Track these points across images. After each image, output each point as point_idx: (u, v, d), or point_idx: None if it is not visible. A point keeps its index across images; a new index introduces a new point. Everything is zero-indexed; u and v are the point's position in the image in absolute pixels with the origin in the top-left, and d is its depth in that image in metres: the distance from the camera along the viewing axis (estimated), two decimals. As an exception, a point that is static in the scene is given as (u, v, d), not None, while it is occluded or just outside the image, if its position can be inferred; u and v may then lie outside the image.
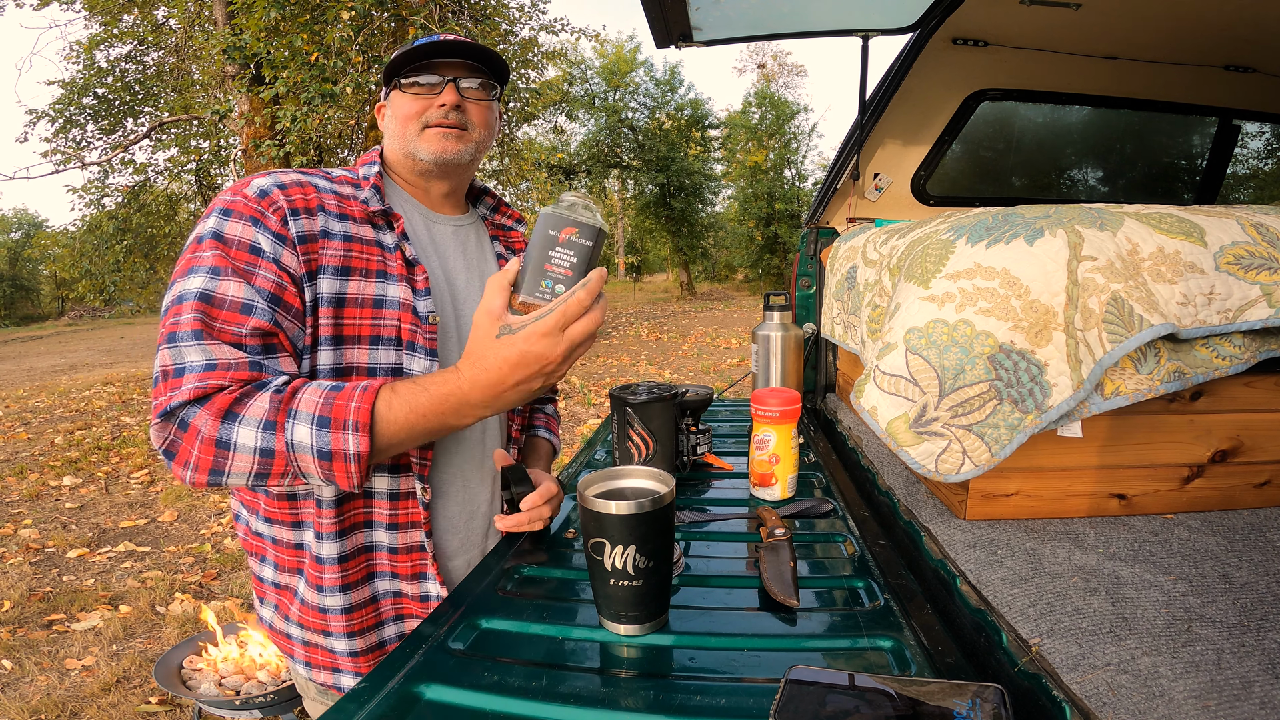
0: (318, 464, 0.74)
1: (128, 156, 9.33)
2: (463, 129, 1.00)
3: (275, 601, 1.01)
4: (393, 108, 1.01)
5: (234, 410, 0.74)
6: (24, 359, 12.74)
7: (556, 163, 15.48)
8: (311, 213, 0.88)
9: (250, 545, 1.02)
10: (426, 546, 0.98)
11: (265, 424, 0.74)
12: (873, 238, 1.36)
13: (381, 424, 0.76)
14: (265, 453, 0.74)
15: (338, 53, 5.86)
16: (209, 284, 0.79)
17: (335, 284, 0.89)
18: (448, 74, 0.99)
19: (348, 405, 0.74)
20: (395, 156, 1.03)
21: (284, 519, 0.96)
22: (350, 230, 0.91)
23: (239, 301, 0.80)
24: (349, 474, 0.75)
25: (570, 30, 9.50)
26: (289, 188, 0.88)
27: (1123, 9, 1.66)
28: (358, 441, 0.73)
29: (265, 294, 0.82)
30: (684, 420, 1.24)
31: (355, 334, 0.91)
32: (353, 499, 0.95)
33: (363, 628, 0.97)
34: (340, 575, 0.94)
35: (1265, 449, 0.96)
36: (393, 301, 0.93)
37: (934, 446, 0.89)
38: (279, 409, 0.75)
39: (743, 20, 1.70)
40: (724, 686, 0.62)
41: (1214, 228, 0.88)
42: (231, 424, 0.74)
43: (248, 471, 0.75)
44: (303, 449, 0.74)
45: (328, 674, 0.99)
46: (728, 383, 5.64)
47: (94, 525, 3.83)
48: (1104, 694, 0.58)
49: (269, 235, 0.84)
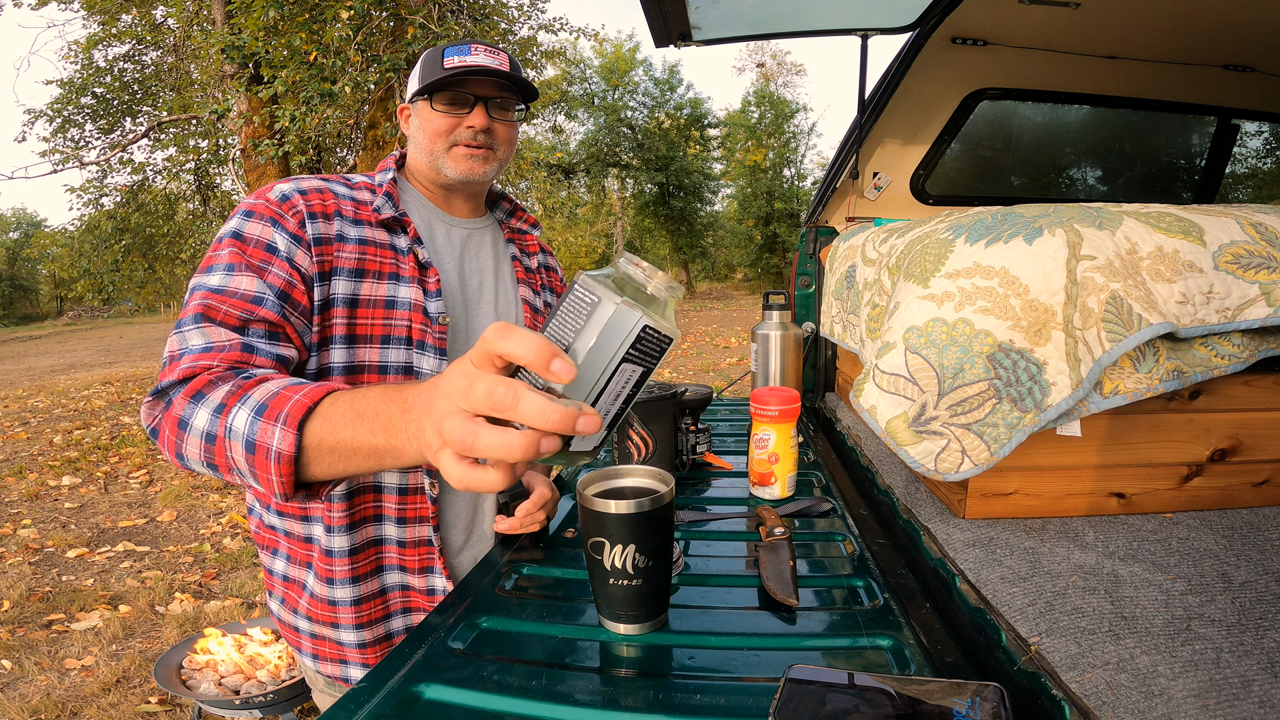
0: (245, 457, 0.66)
1: (126, 156, 9.31)
2: (490, 149, 1.03)
3: (283, 595, 1.02)
4: (420, 119, 1.02)
5: (203, 391, 0.71)
6: (23, 359, 12.72)
7: (555, 162, 15.45)
8: (329, 217, 0.92)
9: (261, 538, 1.04)
10: (434, 541, 1.00)
11: (218, 407, 0.69)
12: (872, 237, 1.36)
13: (315, 421, 0.63)
14: (209, 437, 0.68)
15: (336, 52, 5.84)
16: (224, 279, 0.83)
17: (350, 285, 0.92)
18: (478, 93, 1.00)
19: (290, 397, 0.65)
20: (419, 165, 1.06)
21: (294, 512, 0.98)
22: (365, 234, 0.95)
23: (250, 293, 0.83)
24: (269, 475, 0.64)
25: (569, 29, 9.49)
26: (309, 193, 0.92)
27: (1122, 8, 1.66)
28: (282, 437, 0.63)
29: (275, 289, 0.85)
30: (683, 419, 1.24)
31: (368, 333, 0.94)
32: (363, 492, 0.96)
33: (371, 619, 0.99)
34: (350, 568, 0.96)
35: (1264, 448, 0.96)
36: (404, 302, 0.96)
37: (933, 445, 0.89)
38: (236, 393, 0.70)
39: (742, 19, 1.70)
40: (724, 686, 0.62)
41: (1213, 227, 0.88)
42: (195, 405, 0.71)
43: (199, 457, 0.70)
44: (235, 436, 0.66)
45: (335, 666, 1.00)
46: (727, 382, 5.63)
47: (93, 525, 3.83)
48: (1103, 693, 0.58)
49: (285, 235, 0.88)
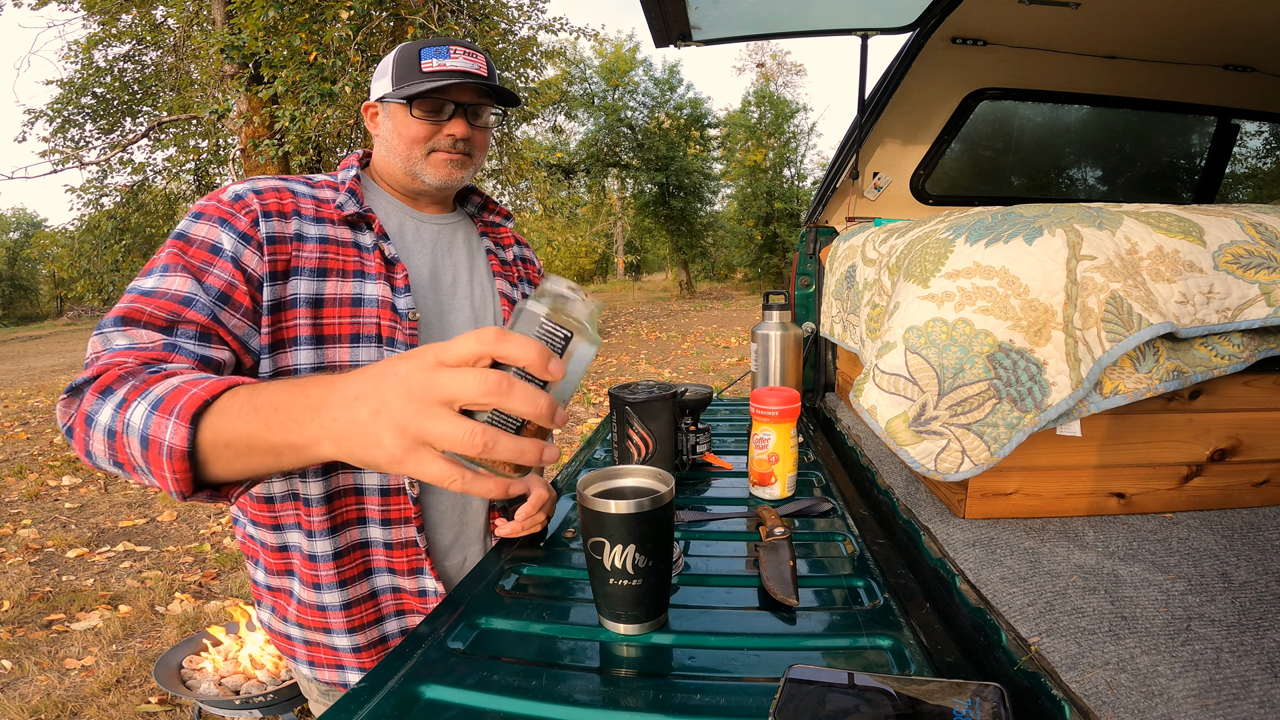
0: (141, 453, 0.59)
1: (126, 156, 9.32)
2: (468, 155, 1.02)
3: (272, 604, 1.01)
4: (395, 123, 0.99)
5: (111, 387, 0.66)
6: (23, 359, 12.72)
7: (555, 162, 15.46)
8: (285, 216, 0.90)
9: (246, 548, 1.02)
10: (419, 542, 0.98)
11: (120, 402, 0.63)
12: (872, 237, 1.36)
13: (212, 415, 0.57)
14: (110, 433, 0.63)
15: (336, 52, 5.85)
16: (157, 281, 0.80)
17: (312, 285, 0.90)
18: (458, 99, 0.99)
19: (188, 390, 0.59)
20: (389, 168, 1.03)
21: (265, 522, 0.96)
22: (327, 233, 0.93)
23: (180, 294, 0.80)
24: (164, 471, 0.58)
25: (569, 29, 9.51)
26: (265, 193, 0.90)
27: (1122, 8, 1.66)
28: (175, 431, 0.57)
29: (213, 291, 0.82)
30: (683, 419, 1.24)
31: (335, 333, 0.92)
32: (344, 495, 0.95)
33: (363, 623, 0.97)
34: (336, 571, 0.94)
35: (1264, 448, 0.96)
36: (371, 299, 0.94)
37: (933, 445, 0.89)
38: (139, 387, 0.64)
39: (742, 19, 1.70)
40: (724, 686, 0.62)
41: (1213, 227, 0.88)
42: (102, 401, 0.65)
43: (105, 455, 0.64)
44: (132, 431, 0.61)
45: (332, 671, 0.99)
46: (727, 382, 5.63)
47: (93, 525, 3.83)
48: (1103, 693, 0.58)
49: (234, 235, 0.85)
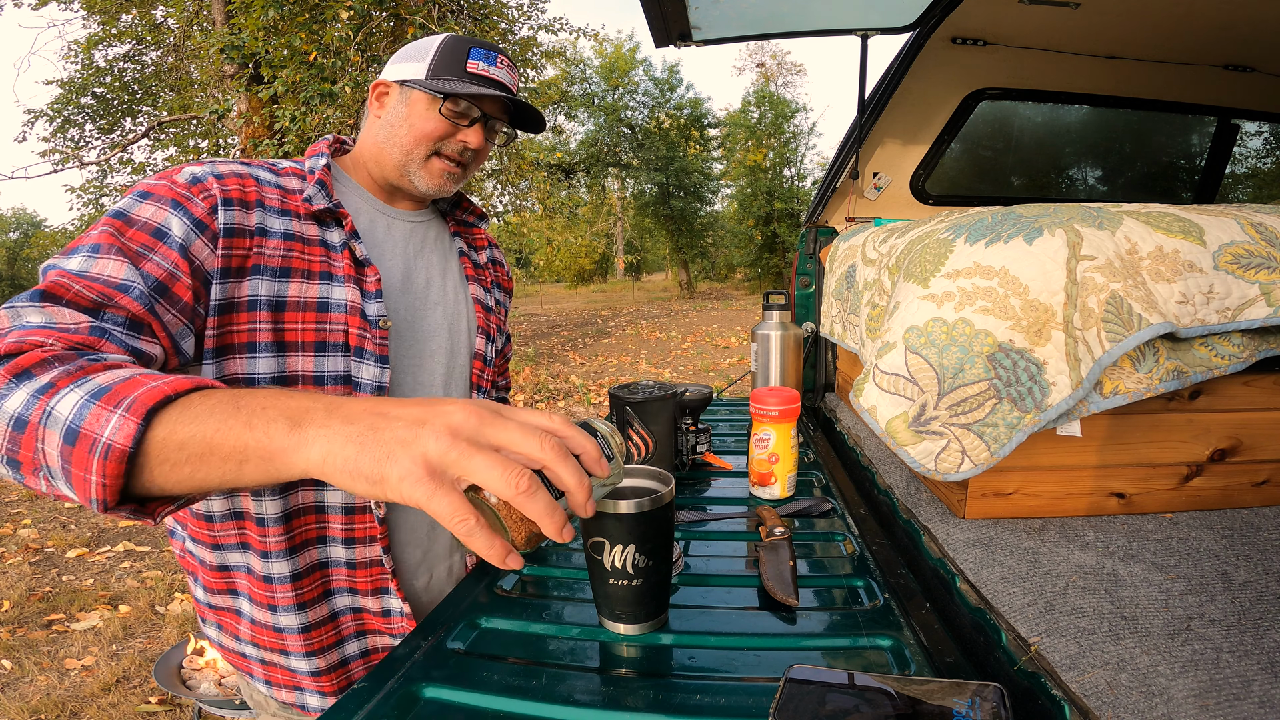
0: (61, 449, 0.50)
1: (126, 156, 9.33)
2: (465, 168, 0.97)
3: (218, 621, 0.94)
4: (411, 111, 0.93)
5: (31, 370, 0.54)
6: (23, 359, 12.72)
7: (555, 162, 15.47)
8: (248, 206, 0.81)
9: (184, 563, 0.95)
10: (385, 562, 0.92)
11: (43, 387, 0.53)
12: (872, 237, 1.36)
13: (174, 409, 0.49)
14: (19, 423, 0.52)
15: (336, 52, 5.85)
16: (85, 262, 0.69)
17: (274, 286, 0.82)
18: (486, 108, 0.95)
19: (145, 383, 0.51)
20: (379, 154, 0.95)
21: (204, 539, 0.88)
22: (292, 228, 0.85)
23: (114, 279, 0.69)
24: (87, 474, 0.48)
25: (569, 29, 9.51)
26: (226, 178, 0.81)
27: (1122, 8, 1.66)
28: (120, 426, 0.48)
29: (150, 280, 0.71)
30: (683, 419, 1.24)
31: (298, 339, 0.84)
32: (304, 514, 0.88)
33: (322, 646, 0.91)
34: (294, 594, 0.87)
35: (1264, 448, 0.96)
36: (338, 304, 0.86)
37: (933, 445, 0.89)
38: (74, 373, 0.54)
39: (742, 19, 1.70)
40: (724, 686, 0.62)
41: (1213, 227, 0.88)
42: (15, 384, 0.54)
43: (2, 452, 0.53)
44: (54, 423, 0.50)
45: (290, 693, 0.93)
46: (727, 382, 5.64)
47: (93, 525, 3.83)
48: (1103, 693, 0.58)
49: (187, 221, 0.76)
